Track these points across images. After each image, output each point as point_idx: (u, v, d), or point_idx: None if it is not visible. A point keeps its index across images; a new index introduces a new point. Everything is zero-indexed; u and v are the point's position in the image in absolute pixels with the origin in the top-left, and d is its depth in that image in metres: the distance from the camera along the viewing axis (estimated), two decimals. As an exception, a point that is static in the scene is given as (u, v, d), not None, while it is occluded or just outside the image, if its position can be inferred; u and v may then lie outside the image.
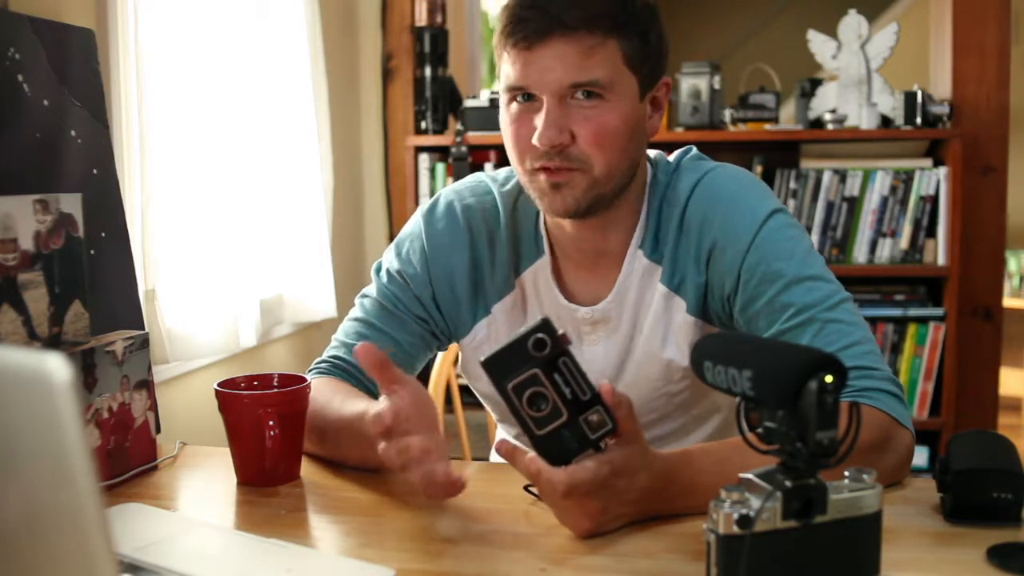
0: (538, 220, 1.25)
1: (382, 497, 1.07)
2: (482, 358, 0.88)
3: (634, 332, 1.22)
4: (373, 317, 1.27)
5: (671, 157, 1.25)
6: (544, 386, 0.88)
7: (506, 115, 1.15)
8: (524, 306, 1.26)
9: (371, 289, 1.30)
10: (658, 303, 1.19)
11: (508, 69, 1.12)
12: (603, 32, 1.08)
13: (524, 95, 1.11)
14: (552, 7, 1.07)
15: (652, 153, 1.25)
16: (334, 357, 1.27)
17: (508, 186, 1.27)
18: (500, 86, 1.15)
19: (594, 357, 1.23)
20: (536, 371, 0.87)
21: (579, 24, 1.07)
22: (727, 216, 1.15)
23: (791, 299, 1.10)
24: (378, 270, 1.31)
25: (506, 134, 1.15)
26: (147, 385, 1.20)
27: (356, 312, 1.30)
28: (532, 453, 0.90)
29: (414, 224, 1.31)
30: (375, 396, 1.24)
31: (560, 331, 0.88)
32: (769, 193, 1.20)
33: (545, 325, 0.88)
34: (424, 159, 2.81)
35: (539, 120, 1.09)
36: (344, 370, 1.25)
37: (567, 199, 1.12)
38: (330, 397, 1.16)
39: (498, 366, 0.88)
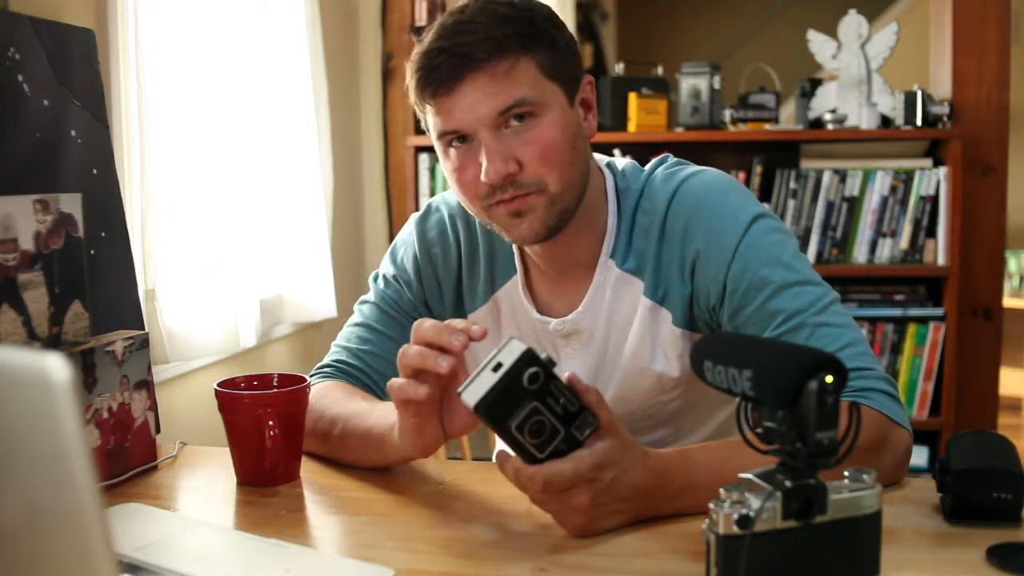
0: None
1: (382, 497, 1.07)
2: (472, 401, 0.85)
3: (609, 343, 1.21)
4: (373, 321, 1.29)
5: (647, 166, 1.23)
6: (542, 414, 0.87)
7: (447, 163, 1.13)
8: (499, 321, 1.27)
9: (369, 295, 1.32)
10: (643, 316, 1.18)
11: (434, 119, 1.10)
12: (514, 54, 1.07)
13: (459, 138, 1.10)
14: (459, 47, 1.06)
15: (619, 162, 1.24)
16: (338, 361, 1.27)
17: None
18: (432, 136, 1.13)
19: (569, 370, 1.22)
20: (535, 404, 0.87)
21: (489, 55, 1.06)
22: (710, 224, 1.14)
23: (780, 305, 1.09)
24: (375, 278, 1.33)
25: (452, 181, 1.14)
26: (147, 385, 1.20)
27: (356, 318, 1.31)
28: (513, 455, 0.89)
29: (408, 231, 1.32)
30: (380, 399, 1.24)
31: (543, 355, 0.87)
32: (751, 197, 1.18)
33: (531, 357, 0.86)
34: (424, 159, 2.81)
35: (482, 157, 1.08)
36: (349, 374, 1.26)
37: (534, 224, 1.11)
38: (336, 399, 1.18)
39: (495, 408, 0.85)
